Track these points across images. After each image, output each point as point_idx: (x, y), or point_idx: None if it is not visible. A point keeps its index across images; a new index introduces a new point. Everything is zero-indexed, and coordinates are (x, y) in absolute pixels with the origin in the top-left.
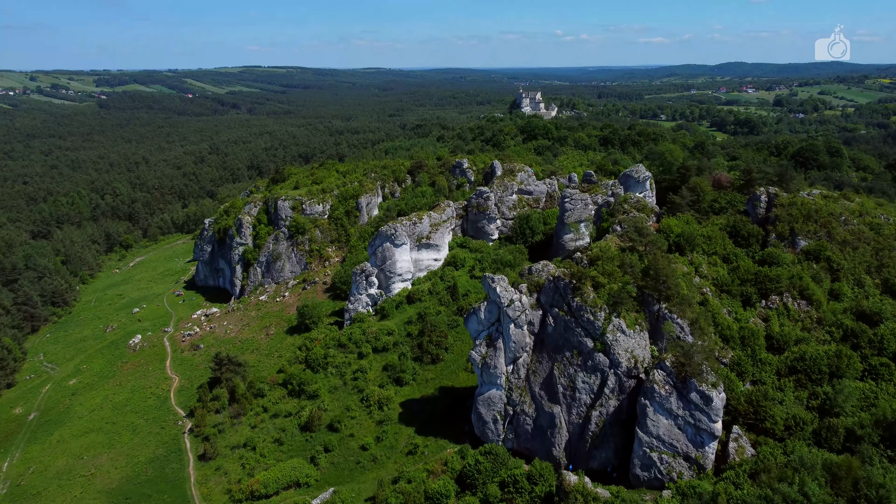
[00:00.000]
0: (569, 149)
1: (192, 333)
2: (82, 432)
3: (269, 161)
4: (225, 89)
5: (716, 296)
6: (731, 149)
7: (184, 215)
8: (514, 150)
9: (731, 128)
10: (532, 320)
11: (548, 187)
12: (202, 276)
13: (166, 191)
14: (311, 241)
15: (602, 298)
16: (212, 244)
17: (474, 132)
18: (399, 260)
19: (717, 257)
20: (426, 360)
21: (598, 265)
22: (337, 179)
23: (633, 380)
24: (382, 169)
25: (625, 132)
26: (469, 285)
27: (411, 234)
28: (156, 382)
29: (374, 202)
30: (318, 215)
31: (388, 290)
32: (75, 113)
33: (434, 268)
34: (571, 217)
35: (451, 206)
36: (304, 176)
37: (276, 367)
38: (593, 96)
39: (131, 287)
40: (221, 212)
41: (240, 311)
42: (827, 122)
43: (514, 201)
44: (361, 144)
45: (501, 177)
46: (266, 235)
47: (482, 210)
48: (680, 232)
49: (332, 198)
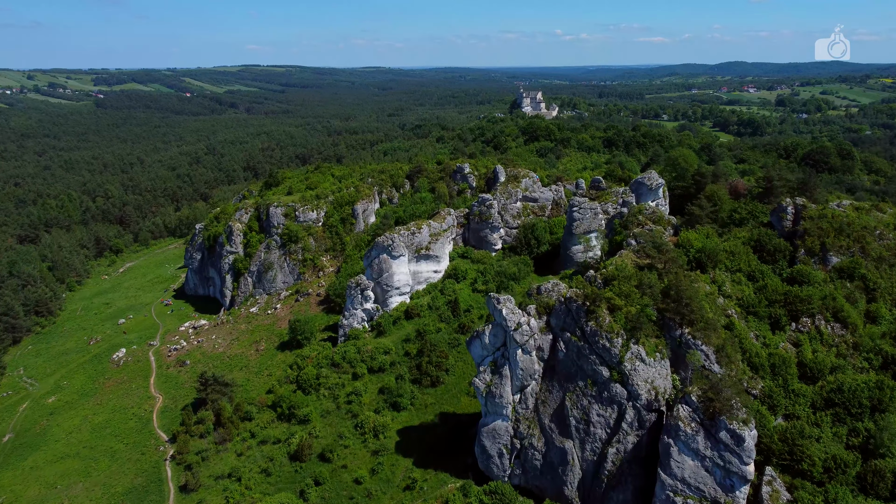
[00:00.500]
0: (572, 150)
1: (179, 348)
2: (58, 458)
3: (266, 162)
4: (223, 88)
5: (741, 318)
6: (739, 151)
7: (176, 219)
8: (515, 152)
9: (734, 128)
10: (541, 345)
11: (554, 194)
12: (192, 284)
13: (159, 193)
14: (304, 249)
15: (619, 323)
16: (201, 252)
17: (474, 133)
18: (397, 272)
19: (741, 275)
20: (425, 383)
21: (614, 285)
22: (332, 185)
23: (654, 413)
24: (380, 174)
25: (629, 134)
26: (471, 300)
27: (410, 245)
28: (138, 402)
29: (371, 209)
30: (312, 223)
31: (385, 304)
32: (71, 112)
33: (434, 280)
34: (580, 227)
35: (451, 214)
36: (298, 180)
37: (266, 387)
38: (594, 96)
39: (119, 295)
40: (212, 218)
41: (229, 323)
42: (831, 122)
43: (518, 209)
44: (359, 145)
45: (505, 183)
46: (257, 244)
47: (485, 219)
48: (701, 247)
49: (326, 204)
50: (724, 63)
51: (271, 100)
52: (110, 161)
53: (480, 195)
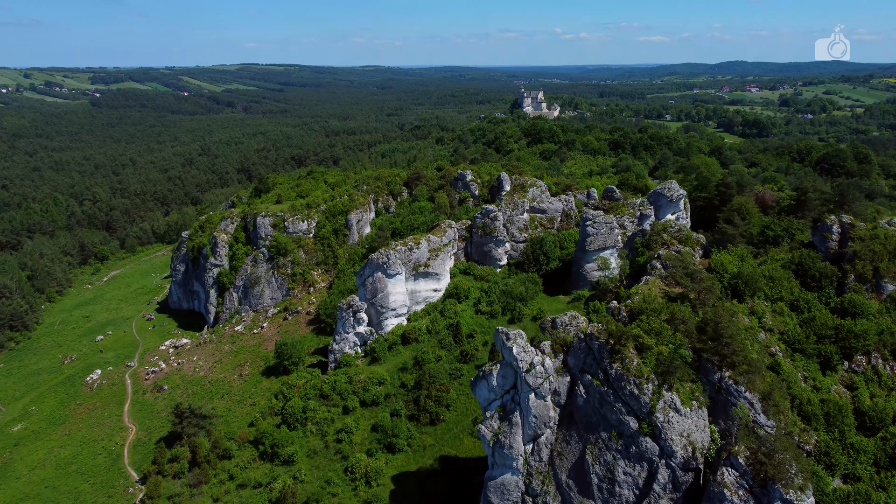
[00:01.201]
0: (577, 153)
1: (157, 370)
2: (17, 499)
3: (261, 163)
4: (221, 87)
5: (787, 356)
6: (749, 154)
7: (165, 224)
8: (517, 155)
9: (738, 129)
10: (558, 389)
11: (564, 205)
12: (175, 298)
13: (149, 196)
14: (293, 263)
15: (649, 365)
16: (185, 263)
17: (475, 134)
18: (392, 293)
19: (783, 304)
20: (424, 420)
21: (642, 320)
22: (324, 193)
23: (691, 473)
24: (375, 181)
25: (636, 136)
26: (474, 322)
27: (407, 262)
28: (109, 433)
29: (366, 219)
30: (303, 234)
31: (380, 326)
32: (66, 111)
33: (433, 300)
34: (594, 243)
35: (452, 226)
36: (289, 187)
37: (248, 419)
38: (595, 95)
39: (100, 307)
40: (196, 227)
41: (212, 343)
42: (837, 123)
43: (525, 221)
44: (357, 146)
45: (510, 193)
46: (244, 256)
47: (489, 232)
48: (737, 272)
49: (318, 214)
50: (724, 62)
51: (269, 99)
52: (102, 162)
53: (484, 206)
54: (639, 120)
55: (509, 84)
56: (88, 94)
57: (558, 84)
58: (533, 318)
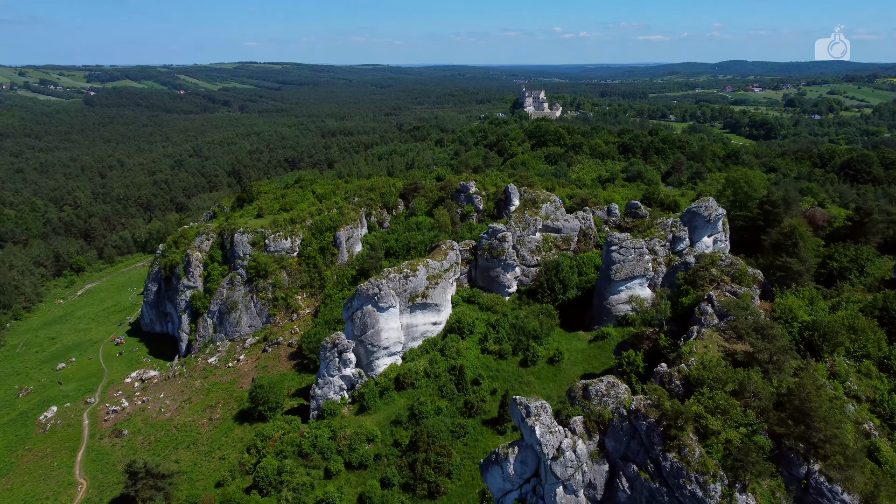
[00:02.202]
0: (584, 157)
1: (119, 410)
2: None
3: (252, 166)
4: (218, 86)
5: (883, 434)
6: (766, 158)
7: (146, 232)
8: (521, 158)
9: (745, 129)
10: (592, 481)
11: (581, 223)
12: (147, 320)
13: (132, 202)
14: (275, 286)
15: (715, 457)
16: (158, 283)
17: (476, 136)
18: (385, 328)
19: (869, 363)
20: (420, 492)
21: (703, 393)
22: (311, 206)
23: None
24: (368, 192)
25: (646, 139)
26: (480, 364)
27: (402, 292)
28: (56, 489)
29: (357, 235)
30: (286, 253)
31: (370, 367)
32: (57, 110)
33: (432, 334)
34: (621, 272)
35: (454, 248)
36: (272, 198)
37: (216, 477)
38: (596, 95)
39: (69, 327)
40: (171, 242)
41: (182, 377)
42: (846, 124)
43: (537, 242)
44: (353, 148)
45: (521, 209)
46: (220, 278)
47: (496, 254)
48: (810, 320)
49: (303, 230)
50: (724, 62)
51: (266, 98)
52: (89, 163)
53: (490, 226)
54: (643, 120)
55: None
56: (83, 93)
57: (558, 83)
58: (549, 361)
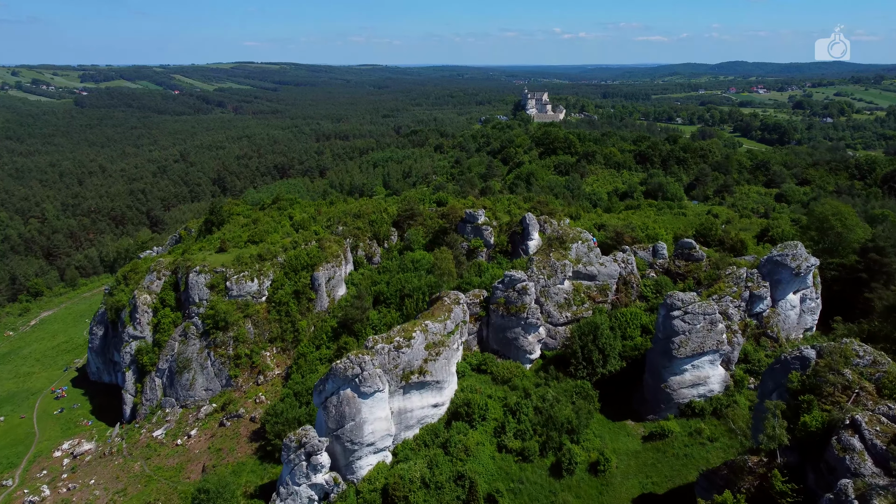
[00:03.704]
0: (598, 167)
1: (37, 501)
2: None
3: (240, 172)
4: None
5: None
6: (798, 169)
7: (114, 251)
8: (529, 169)
9: (757, 133)
10: None
11: (621, 267)
12: (94, 368)
13: (104, 214)
14: (237, 340)
15: None
16: (104, 326)
17: (478, 142)
18: (369, 420)
19: None
20: None
21: None
22: (284, 237)
23: None
24: (355, 219)
25: (665, 147)
26: (496, 470)
27: (393, 369)
28: None
29: (340, 275)
30: (252, 297)
31: (350, 470)
32: (44, 112)
33: (432, 420)
34: (687, 346)
35: (461, 302)
36: (240, 227)
37: None
38: (598, 96)
39: (9, 370)
40: (120, 277)
41: (120, 456)
42: (861, 127)
43: (566, 293)
44: (347, 154)
45: (545, 250)
46: (171, 327)
47: (515, 311)
48: None
49: (274, 268)
50: (725, 63)
51: (262, 98)
52: (68, 169)
53: (507, 273)
54: (650, 124)
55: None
56: (76, 93)
57: (558, 84)
58: (591, 468)
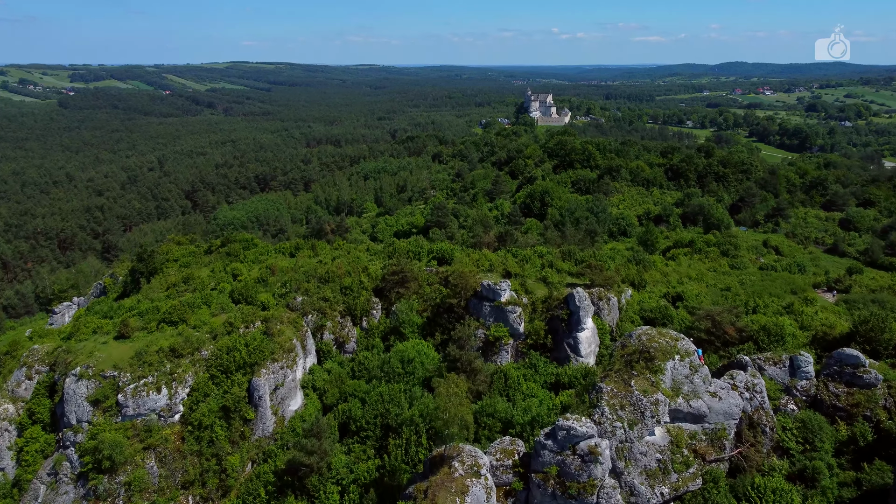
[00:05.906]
0: (623, 184)
1: None
2: None
3: (217, 183)
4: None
5: None
6: (857, 188)
7: (53, 283)
8: (544, 186)
9: (776, 139)
10: None
11: (745, 399)
12: None
13: (50, 237)
14: (133, 487)
15: None
16: None
17: (481, 150)
18: None
19: None
20: None
21: None
22: (216, 314)
23: None
24: (321, 285)
25: (701, 161)
26: None
27: None
28: None
29: (294, 379)
30: (158, 417)
31: None
32: (23, 113)
33: None
34: None
35: (482, 471)
36: (163, 290)
37: None
38: (600, 97)
39: None
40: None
41: None
42: (885, 132)
43: (660, 450)
44: (336, 163)
45: (623, 376)
46: (40, 457)
47: (576, 492)
48: None
49: (194, 368)
50: (725, 63)
51: (254, 99)
52: (33, 178)
53: (560, 423)
54: (662, 128)
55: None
56: (62, 93)
57: (557, 84)
58: None
